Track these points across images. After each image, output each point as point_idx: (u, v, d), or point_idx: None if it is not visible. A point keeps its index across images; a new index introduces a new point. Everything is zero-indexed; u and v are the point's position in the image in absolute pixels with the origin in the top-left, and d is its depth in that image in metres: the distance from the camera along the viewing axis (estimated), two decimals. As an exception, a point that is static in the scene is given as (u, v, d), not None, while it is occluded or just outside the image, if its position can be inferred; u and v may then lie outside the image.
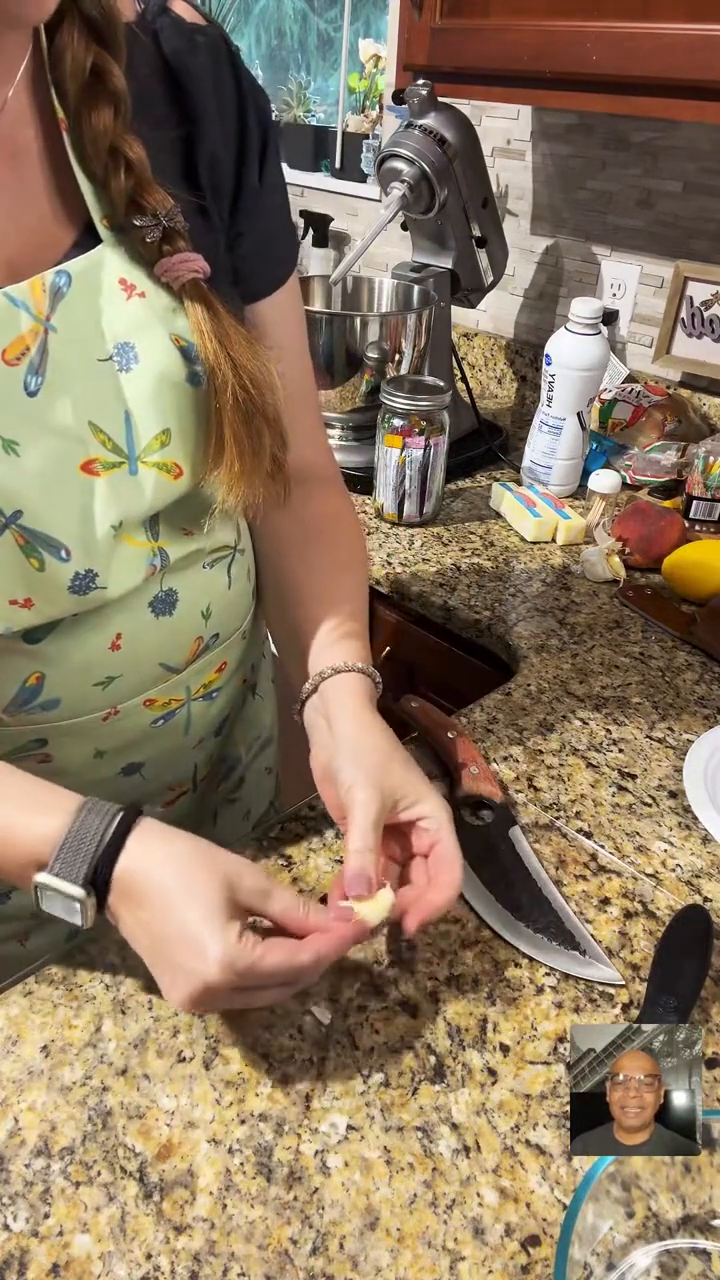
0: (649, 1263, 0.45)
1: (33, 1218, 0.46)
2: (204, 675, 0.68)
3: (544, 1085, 0.53)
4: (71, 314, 0.50)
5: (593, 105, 1.07)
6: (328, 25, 1.84)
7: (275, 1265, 0.44)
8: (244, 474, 0.55)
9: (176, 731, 0.68)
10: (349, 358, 1.20)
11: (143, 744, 0.66)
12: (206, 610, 0.66)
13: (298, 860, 0.66)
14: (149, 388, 0.53)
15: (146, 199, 0.50)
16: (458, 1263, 0.45)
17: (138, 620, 0.60)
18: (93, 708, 0.61)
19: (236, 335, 0.54)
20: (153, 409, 0.53)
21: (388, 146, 1.21)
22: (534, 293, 1.58)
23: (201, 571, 0.64)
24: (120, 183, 0.50)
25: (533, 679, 0.89)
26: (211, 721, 0.73)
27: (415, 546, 1.15)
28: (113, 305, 0.51)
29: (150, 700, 0.64)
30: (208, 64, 0.55)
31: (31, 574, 0.52)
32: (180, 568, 0.62)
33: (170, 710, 0.66)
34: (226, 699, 0.73)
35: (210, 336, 0.53)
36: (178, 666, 0.65)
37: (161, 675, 0.64)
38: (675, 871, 0.68)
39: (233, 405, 0.53)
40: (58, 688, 0.59)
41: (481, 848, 0.67)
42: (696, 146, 1.30)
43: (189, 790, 0.75)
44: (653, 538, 1.09)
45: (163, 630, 0.62)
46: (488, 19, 1.10)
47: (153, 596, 0.61)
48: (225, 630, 0.69)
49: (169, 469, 0.55)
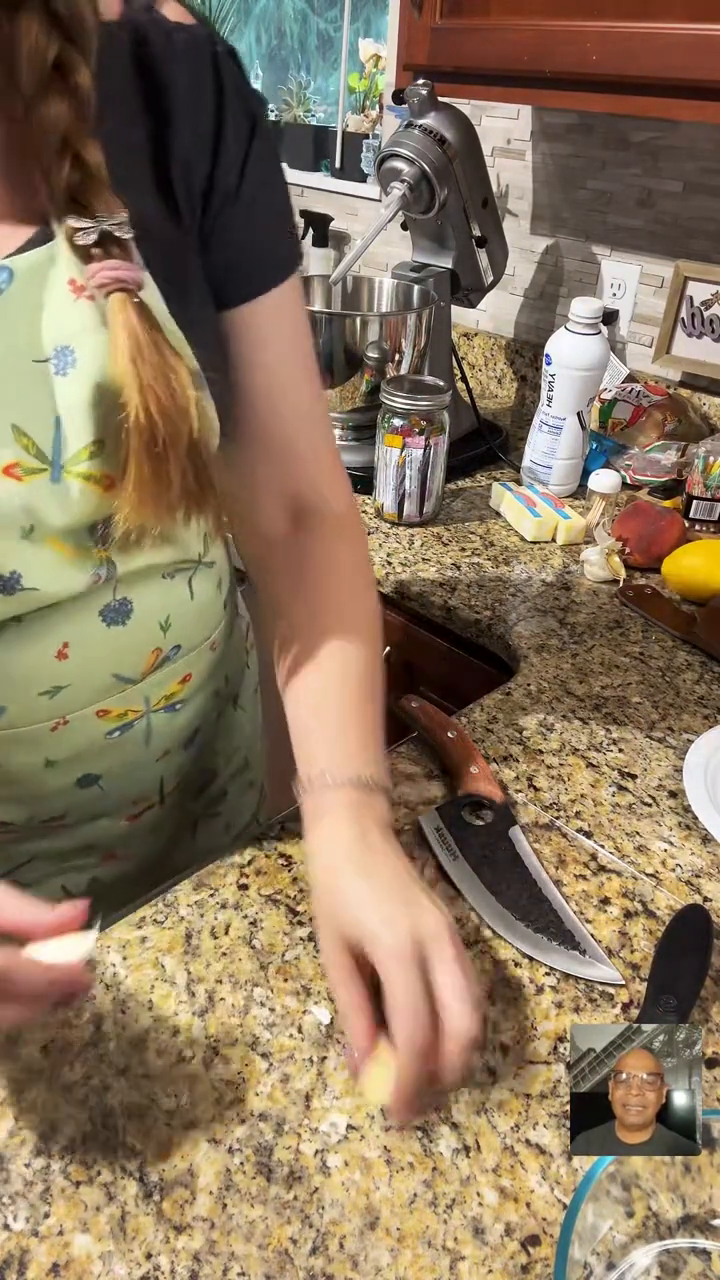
0: (649, 1262, 0.45)
1: (33, 1217, 0.46)
2: (165, 687, 0.66)
3: (544, 1085, 0.53)
4: (7, 312, 0.48)
5: (593, 105, 1.07)
6: (328, 25, 1.84)
7: (275, 1265, 0.44)
8: (143, 502, 0.51)
9: (135, 743, 0.66)
10: (349, 358, 1.20)
11: (98, 755, 0.64)
12: (165, 621, 0.63)
13: (298, 860, 0.66)
14: (85, 394, 0.50)
15: (92, 200, 0.48)
16: (458, 1262, 0.45)
17: (86, 629, 0.58)
18: (39, 717, 0.59)
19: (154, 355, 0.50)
20: (87, 417, 0.50)
21: (388, 146, 1.21)
22: (534, 293, 1.58)
23: (160, 582, 0.62)
24: (65, 178, 0.47)
25: (533, 679, 0.89)
26: (178, 734, 0.70)
27: (415, 546, 1.15)
28: (58, 305, 0.49)
29: (104, 711, 0.62)
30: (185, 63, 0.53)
31: None
32: (134, 580, 0.60)
33: (128, 721, 0.64)
34: (195, 711, 0.71)
35: (124, 352, 0.49)
36: (133, 677, 0.63)
37: (115, 686, 0.62)
38: (675, 871, 0.68)
39: (134, 429, 0.50)
40: (1, 696, 0.57)
41: (481, 848, 0.67)
42: (696, 146, 1.30)
43: (155, 804, 0.73)
44: (653, 538, 1.09)
45: (115, 640, 0.60)
46: (488, 19, 1.10)
47: (103, 605, 0.58)
48: (189, 642, 0.66)
49: (97, 479, 0.52)
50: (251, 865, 0.66)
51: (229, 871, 0.65)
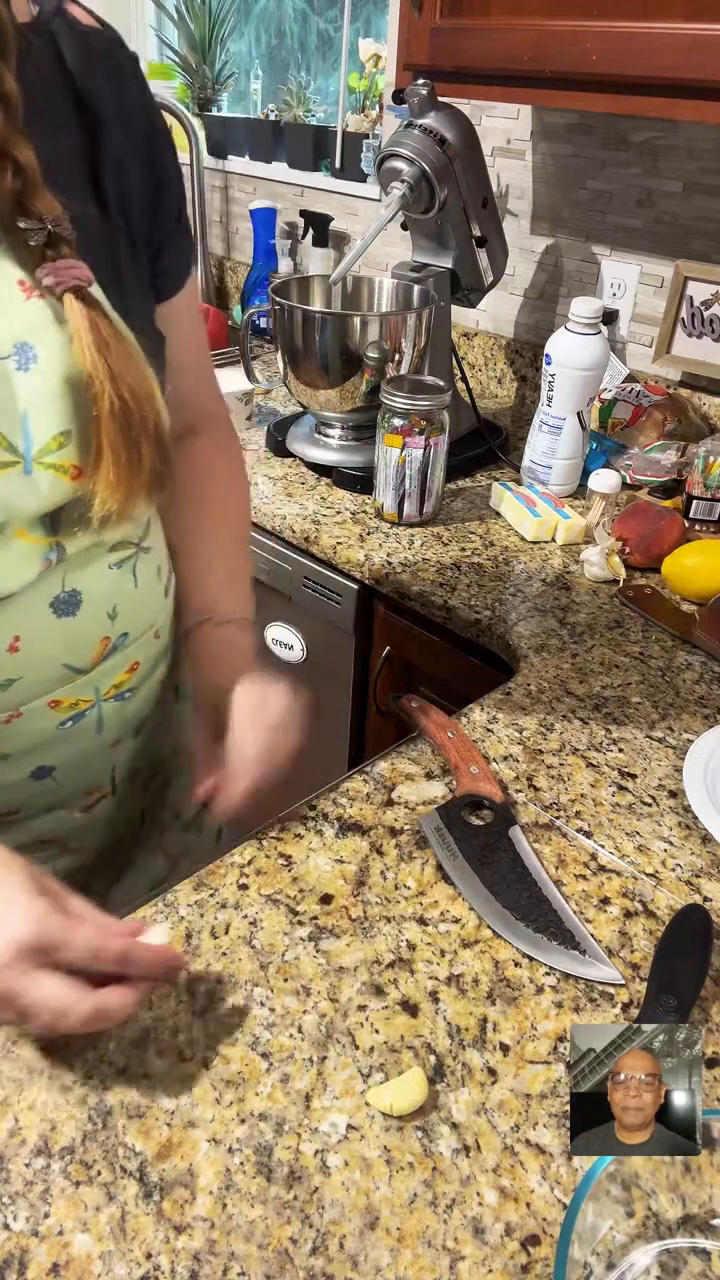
0: (649, 1262, 0.45)
1: (33, 1217, 0.46)
2: (114, 676, 0.67)
3: (544, 1085, 0.53)
4: None
5: (593, 105, 1.07)
6: (328, 25, 1.84)
7: (275, 1265, 0.44)
8: (120, 483, 0.55)
9: (87, 733, 0.67)
10: (349, 358, 1.20)
11: (51, 746, 0.65)
12: (113, 610, 0.65)
13: (298, 860, 0.66)
14: (51, 387, 0.53)
15: (33, 203, 0.50)
16: (458, 1262, 0.45)
17: (37, 621, 0.59)
18: None
19: (117, 345, 0.53)
20: (53, 409, 0.53)
21: (388, 146, 1.21)
22: (534, 292, 1.58)
23: (107, 572, 0.64)
24: (6, 184, 0.49)
25: (533, 679, 0.89)
26: (128, 722, 0.71)
27: (415, 546, 1.15)
28: (11, 305, 0.51)
29: (55, 701, 0.63)
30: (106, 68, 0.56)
31: None
32: (81, 564, 0.61)
33: (79, 711, 0.65)
34: (143, 699, 0.72)
35: (90, 346, 0.52)
36: (83, 667, 0.64)
37: (66, 676, 0.63)
38: (675, 871, 0.68)
39: (109, 414, 0.53)
40: None
41: (481, 848, 0.67)
42: (696, 146, 1.30)
43: (108, 794, 0.73)
44: (653, 538, 1.09)
45: (65, 631, 0.61)
46: (488, 19, 1.10)
47: (53, 597, 0.60)
48: (135, 630, 0.68)
49: (65, 470, 0.55)
50: (251, 865, 0.66)
51: (229, 871, 0.65)
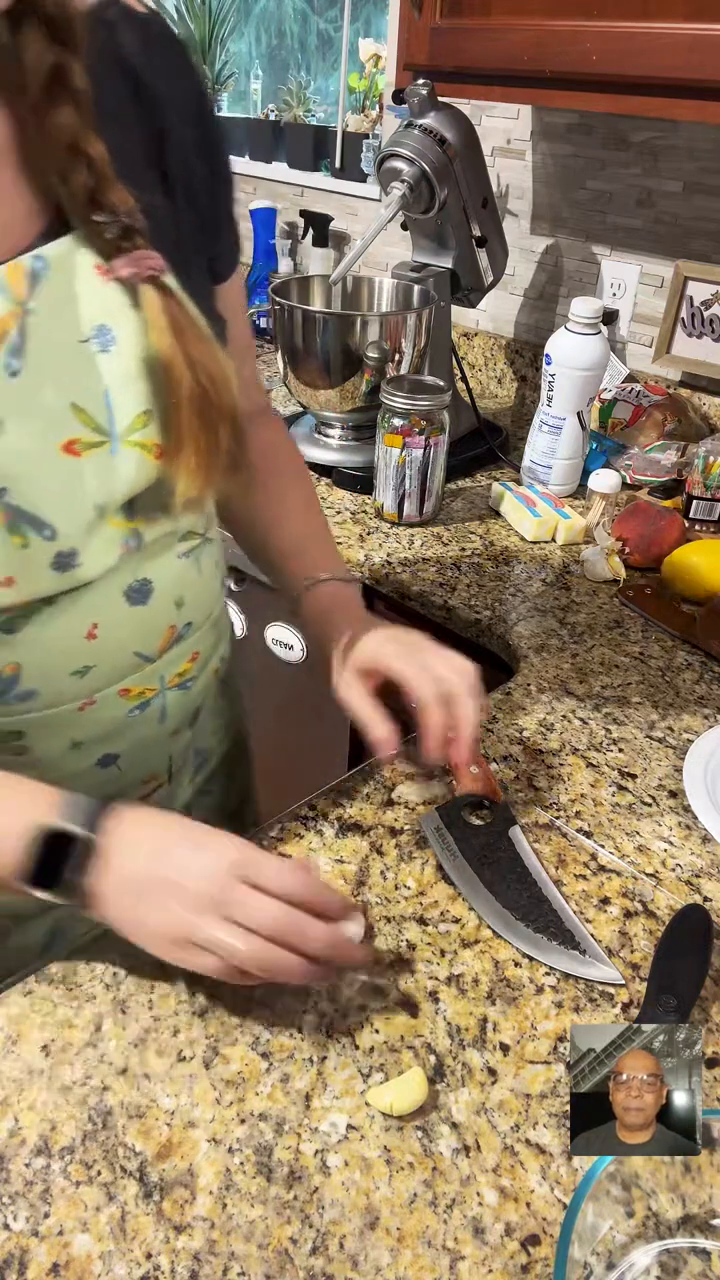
0: (649, 1262, 0.45)
1: (33, 1217, 0.46)
2: (178, 664, 0.69)
3: (544, 1085, 0.53)
4: (50, 297, 0.51)
5: (593, 105, 1.06)
6: (328, 25, 1.84)
7: (275, 1265, 0.44)
8: (200, 468, 0.57)
9: (151, 722, 0.69)
10: (349, 358, 1.20)
11: (119, 735, 0.67)
12: (180, 600, 0.66)
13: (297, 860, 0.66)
14: (131, 368, 0.54)
15: (106, 196, 0.51)
16: (458, 1262, 0.45)
17: (113, 609, 0.61)
18: (69, 698, 0.61)
19: (193, 331, 0.55)
20: (133, 389, 0.55)
21: (388, 146, 1.21)
22: (534, 293, 1.58)
23: (176, 561, 0.65)
24: (81, 179, 0.51)
25: (533, 679, 0.89)
26: (188, 712, 0.73)
27: (415, 546, 1.15)
28: (89, 288, 0.53)
29: (126, 690, 0.65)
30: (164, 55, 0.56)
31: (15, 551, 0.53)
32: (154, 553, 0.63)
33: (145, 700, 0.67)
34: (200, 688, 0.74)
35: (166, 332, 0.54)
36: (152, 655, 0.66)
37: (136, 664, 0.65)
38: (675, 871, 0.68)
39: (188, 400, 0.55)
40: (35, 678, 0.59)
41: (481, 848, 0.67)
42: (696, 146, 1.30)
43: (164, 783, 0.75)
44: (653, 538, 1.09)
45: (137, 619, 0.63)
46: (488, 18, 1.10)
47: (127, 585, 0.61)
48: (197, 619, 0.70)
49: (150, 448, 0.56)
50: (251, 865, 0.66)
51: (229, 871, 0.65)
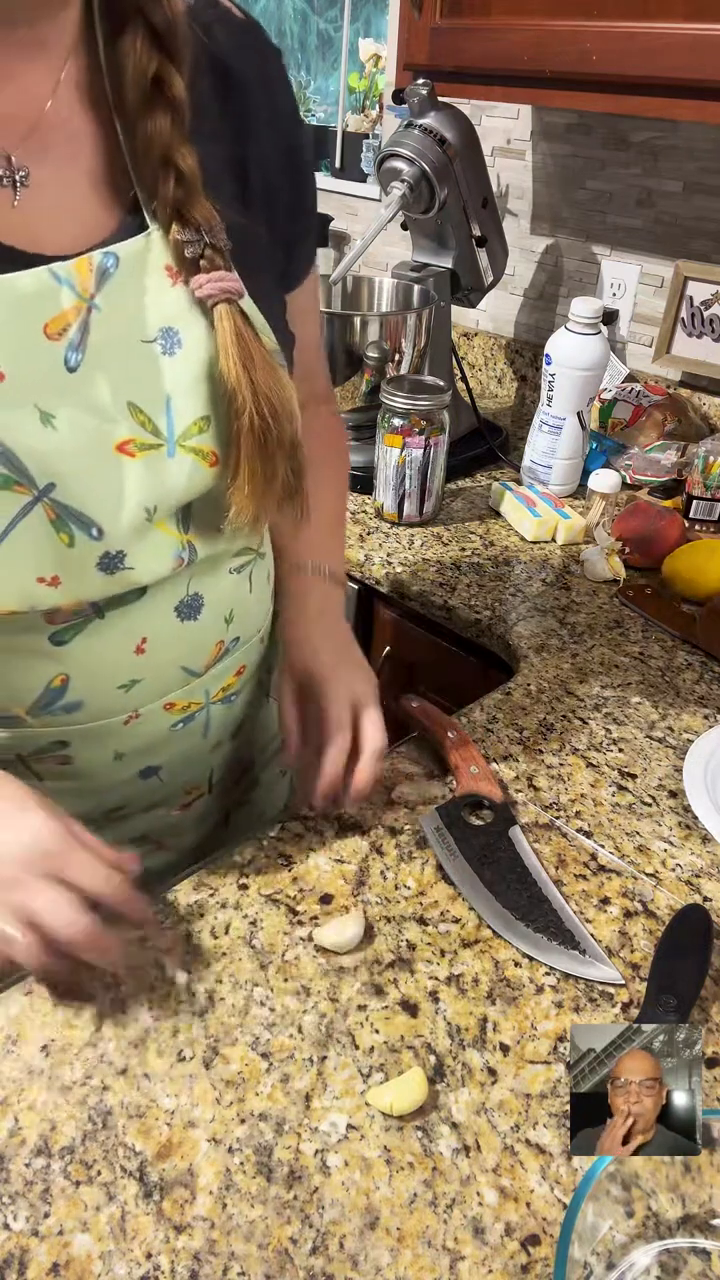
0: (649, 1262, 0.45)
1: (33, 1217, 0.46)
2: (223, 679, 0.69)
3: (544, 1085, 0.53)
4: (117, 295, 0.51)
5: (593, 105, 1.07)
6: (328, 25, 1.83)
7: (275, 1265, 0.44)
8: (254, 497, 0.56)
9: (195, 735, 0.69)
10: (349, 358, 1.20)
11: (162, 747, 0.67)
12: (229, 615, 0.66)
13: (298, 860, 0.66)
14: (194, 372, 0.53)
15: (193, 212, 0.51)
16: (458, 1262, 0.45)
17: (163, 624, 0.61)
18: (114, 711, 0.61)
19: (262, 359, 0.54)
20: (194, 394, 0.54)
21: (388, 146, 1.21)
22: (534, 292, 1.58)
23: (227, 576, 0.65)
24: (169, 192, 0.50)
25: (533, 679, 0.89)
26: (231, 725, 0.73)
27: (415, 546, 1.15)
28: (158, 290, 0.52)
29: (170, 704, 0.65)
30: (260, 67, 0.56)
31: (61, 550, 0.52)
32: (206, 570, 0.62)
33: (190, 714, 0.67)
34: (244, 702, 0.74)
35: (235, 360, 0.53)
36: (198, 670, 0.65)
37: (182, 679, 0.64)
38: (675, 871, 0.68)
39: (249, 430, 0.54)
40: (81, 690, 0.59)
41: (481, 848, 0.67)
42: (696, 146, 1.30)
43: (205, 793, 0.75)
44: (653, 538, 1.09)
45: (186, 634, 0.63)
46: (488, 18, 1.10)
47: (179, 601, 0.61)
48: (245, 634, 0.70)
49: (205, 455, 0.55)
50: (251, 865, 0.66)
51: (229, 871, 0.65)
